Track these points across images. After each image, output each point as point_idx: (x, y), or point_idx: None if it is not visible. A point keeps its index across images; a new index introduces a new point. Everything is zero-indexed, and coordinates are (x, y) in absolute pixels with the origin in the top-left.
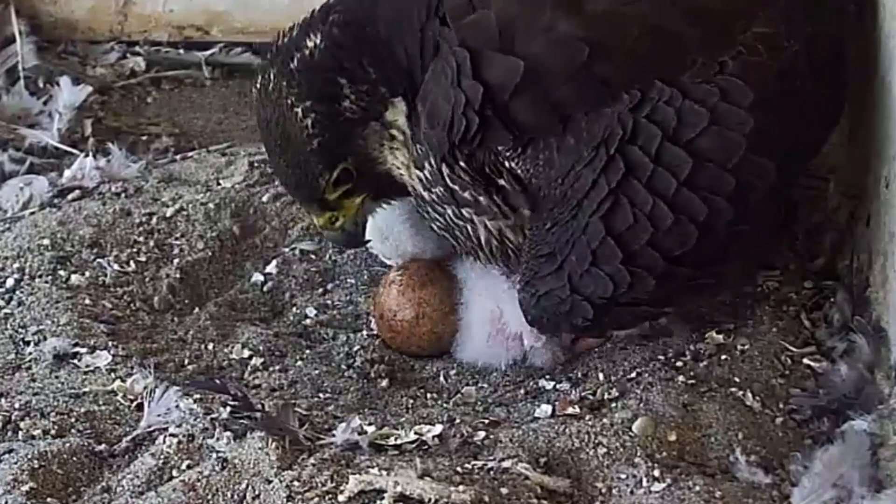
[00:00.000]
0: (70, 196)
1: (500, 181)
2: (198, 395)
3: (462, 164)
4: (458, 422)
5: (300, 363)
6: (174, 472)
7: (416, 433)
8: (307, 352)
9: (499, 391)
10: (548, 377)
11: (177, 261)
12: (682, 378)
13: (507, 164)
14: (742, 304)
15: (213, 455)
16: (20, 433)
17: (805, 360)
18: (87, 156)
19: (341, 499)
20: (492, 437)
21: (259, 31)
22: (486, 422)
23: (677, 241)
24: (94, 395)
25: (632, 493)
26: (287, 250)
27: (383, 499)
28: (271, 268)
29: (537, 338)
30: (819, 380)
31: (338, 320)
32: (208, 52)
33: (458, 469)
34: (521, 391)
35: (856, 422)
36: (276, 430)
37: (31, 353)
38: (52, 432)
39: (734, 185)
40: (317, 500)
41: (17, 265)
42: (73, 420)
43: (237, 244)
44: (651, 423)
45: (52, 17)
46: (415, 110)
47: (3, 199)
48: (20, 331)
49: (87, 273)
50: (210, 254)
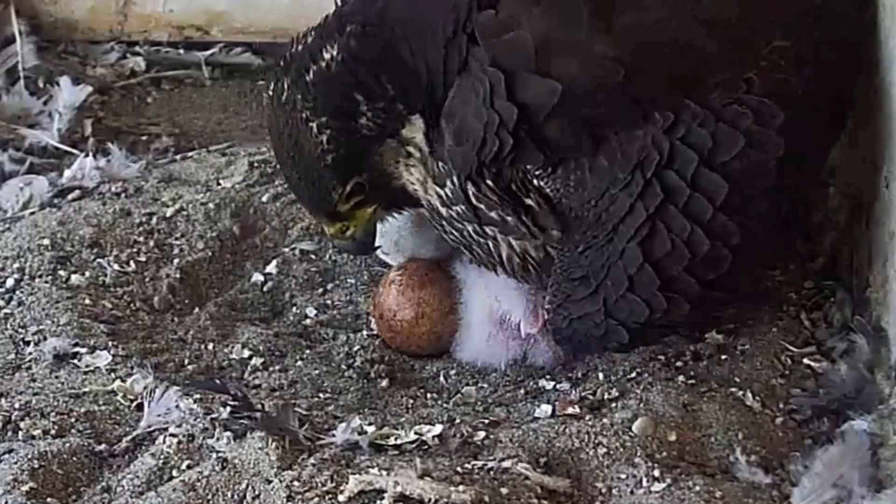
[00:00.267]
0: (70, 196)
1: (528, 200)
2: (198, 395)
3: (489, 183)
4: (458, 422)
5: (300, 363)
6: (174, 472)
7: (416, 433)
8: (307, 352)
9: (499, 391)
10: (548, 377)
11: (177, 261)
12: (682, 378)
13: (536, 183)
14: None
15: (213, 455)
16: (20, 433)
17: (805, 360)
18: (87, 156)
19: (341, 499)
20: (492, 437)
21: (259, 31)
22: (486, 422)
23: (712, 265)
24: (94, 395)
25: (632, 493)
26: (287, 250)
27: (383, 499)
28: (271, 268)
29: (533, 324)
30: (819, 380)
31: (338, 320)
32: (208, 52)
33: (458, 469)
34: (521, 391)
35: (856, 422)
36: (276, 430)
37: (31, 353)
38: (52, 432)
39: (766, 208)
40: (317, 500)
41: (17, 265)
42: (73, 420)
43: (237, 244)
44: (651, 423)
45: (52, 17)
46: (433, 128)
47: (3, 199)
48: (20, 331)
49: (87, 273)
50: (210, 254)
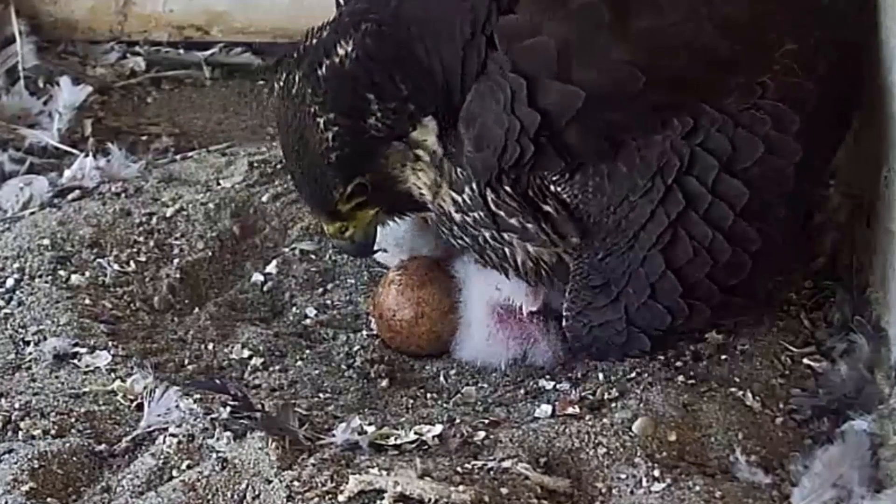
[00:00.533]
0: (70, 196)
1: (545, 207)
2: (198, 395)
3: (507, 189)
4: (458, 422)
5: (300, 363)
6: (174, 472)
7: (416, 433)
8: (307, 352)
9: (499, 391)
10: (548, 377)
11: (177, 261)
12: (681, 378)
13: (553, 189)
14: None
15: (213, 455)
16: (20, 433)
17: (805, 360)
18: (87, 156)
19: (341, 499)
20: (492, 437)
21: (259, 31)
22: (486, 422)
23: (733, 271)
24: (94, 395)
25: (632, 493)
26: (287, 250)
27: (383, 499)
28: (271, 268)
29: (534, 302)
30: (819, 380)
31: (338, 320)
32: (208, 52)
33: (458, 469)
34: (521, 391)
35: (856, 422)
36: (276, 430)
37: (31, 353)
38: (52, 432)
39: (784, 214)
40: (317, 500)
41: (17, 265)
42: (73, 420)
43: (237, 244)
44: (651, 423)
45: (52, 17)
46: (448, 130)
47: (3, 199)
48: (20, 331)
49: (87, 273)
50: (210, 254)
